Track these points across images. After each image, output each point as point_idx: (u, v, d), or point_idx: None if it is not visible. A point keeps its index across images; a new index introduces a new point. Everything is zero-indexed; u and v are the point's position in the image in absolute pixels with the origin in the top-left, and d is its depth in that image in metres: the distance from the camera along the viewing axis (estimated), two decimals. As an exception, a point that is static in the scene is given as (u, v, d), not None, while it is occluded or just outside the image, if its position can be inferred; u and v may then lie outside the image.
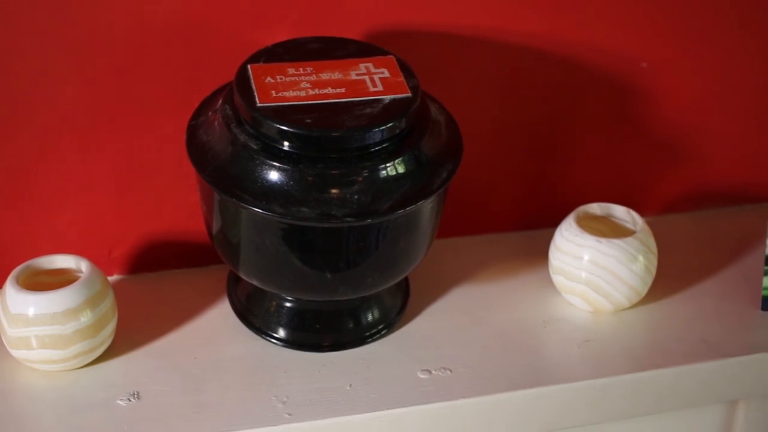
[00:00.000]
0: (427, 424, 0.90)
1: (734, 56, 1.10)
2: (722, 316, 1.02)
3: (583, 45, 1.04)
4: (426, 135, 0.88)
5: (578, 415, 0.96)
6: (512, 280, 1.05)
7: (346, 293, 0.91)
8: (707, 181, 1.16)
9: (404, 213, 0.84)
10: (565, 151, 1.10)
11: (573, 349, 0.97)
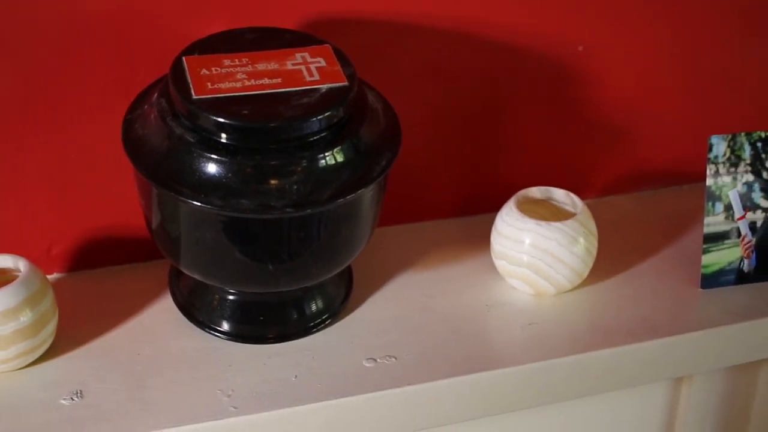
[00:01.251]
0: (373, 412, 0.91)
1: (668, 38, 1.11)
2: (663, 295, 1.03)
3: (519, 29, 1.05)
4: (364, 123, 0.87)
5: (523, 397, 0.96)
6: (455, 266, 1.05)
7: (289, 284, 0.91)
8: (645, 162, 1.17)
9: (344, 202, 0.84)
10: (504, 136, 1.10)
11: (516, 332, 0.98)
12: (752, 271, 1.04)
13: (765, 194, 1.02)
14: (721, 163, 1.00)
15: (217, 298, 0.96)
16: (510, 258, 0.98)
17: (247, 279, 0.90)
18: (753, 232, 1.02)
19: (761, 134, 1.01)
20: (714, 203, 1.01)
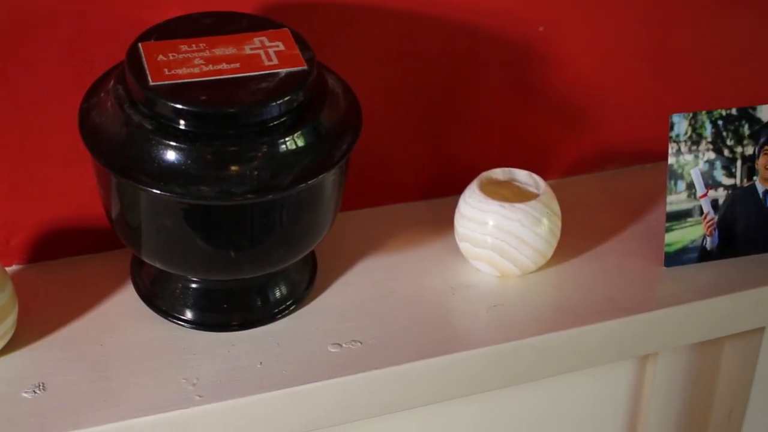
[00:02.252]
0: (340, 398, 0.90)
1: (629, 17, 1.11)
2: (627, 274, 1.03)
3: (479, 10, 1.04)
4: (324, 107, 0.87)
5: (490, 379, 0.96)
6: (419, 250, 1.05)
7: (252, 271, 0.90)
8: (607, 142, 1.18)
9: (306, 187, 0.84)
10: (466, 118, 1.10)
11: (482, 314, 0.97)
12: (715, 248, 1.04)
13: (727, 172, 1.02)
14: (682, 142, 1.00)
15: (180, 287, 0.95)
16: (474, 240, 0.98)
17: (209, 267, 0.89)
18: (715, 209, 1.03)
19: (722, 112, 1.01)
20: (676, 182, 1.01)
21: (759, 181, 1.03)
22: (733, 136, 1.02)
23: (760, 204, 1.04)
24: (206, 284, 0.95)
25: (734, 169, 1.02)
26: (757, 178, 1.03)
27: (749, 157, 1.03)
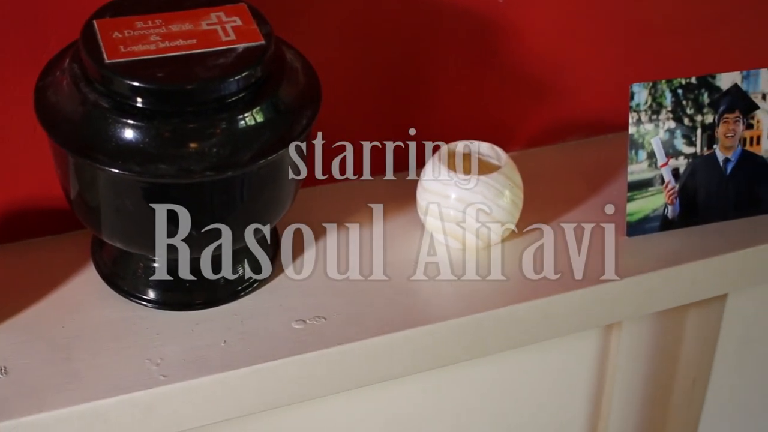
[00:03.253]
0: (305, 374, 0.90)
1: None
2: (590, 244, 1.03)
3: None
4: (283, 82, 0.86)
5: (455, 352, 0.96)
6: (383, 224, 1.04)
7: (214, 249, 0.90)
8: (568, 113, 1.18)
9: (266, 163, 0.83)
10: (427, 91, 1.10)
11: (445, 287, 0.97)
12: (676, 217, 1.05)
13: (687, 141, 1.03)
14: (642, 111, 1.01)
15: (142, 266, 0.95)
16: (436, 213, 0.98)
17: (170, 245, 0.88)
18: (676, 178, 1.03)
19: (681, 81, 1.01)
20: (637, 151, 1.01)
21: (719, 150, 1.04)
22: (693, 104, 1.02)
23: (720, 172, 1.05)
24: (168, 263, 0.94)
25: (694, 137, 1.03)
26: (717, 147, 1.04)
27: (709, 125, 1.03)
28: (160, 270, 0.94)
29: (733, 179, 1.05)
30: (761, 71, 1.03)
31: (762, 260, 1.06)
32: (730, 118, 1.03)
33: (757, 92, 1.04)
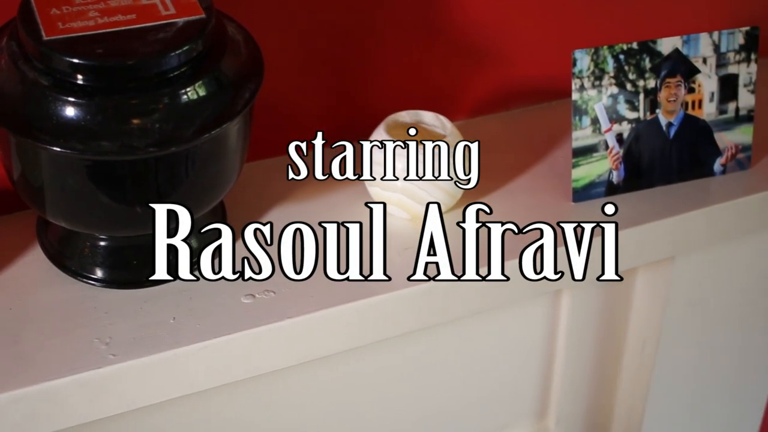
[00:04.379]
0: (255, 348, 0.90)
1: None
2: (537, 211, 1.04)
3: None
4: (225, 56, 0.85)
5: (405, 322, 0.97)
6: (330, 196, 1.04)
7: (161, 225, 0.89)
8: (512, 81, 1.18)
9: (210, 137, 0.82)
10: (371, 62, 1.09)
11: (394, 257, 0.97)
12: (621, 182, 1.06)
13: (630, 106, 1.03)
14: (585, 77, 1.01)
15: (88, 246, 0.94)
16: (383, 184, 0.98)
17: (115, 223, 0.87)
18: (620, 143, 1.04)
19: (623, 46, 1.02)
20: (581, 117, 1.02)
21: (662, 114, 1.05)
22: (635, 70, 1.03)
23: (663, 136, 1.06)
24: (115, 241, 0.93)
25: (637, 102, 1.04)
26: (660, 111, 1.05)
27: (651, 90, 1.04)
28: (107, 248, 0.93)
29: (676, 143, 1.06)
30: (701, 36, 1.04)
31: (707, 223, 1.08)
32: (672, 82, 1.04)
33: (697, 56, 1.05)
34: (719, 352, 1.32)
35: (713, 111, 1.07)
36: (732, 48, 1.05)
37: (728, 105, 1.07)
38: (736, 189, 1.08)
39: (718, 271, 1.22)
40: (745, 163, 1.10)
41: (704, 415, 1.39)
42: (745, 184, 1.09)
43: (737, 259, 1.22)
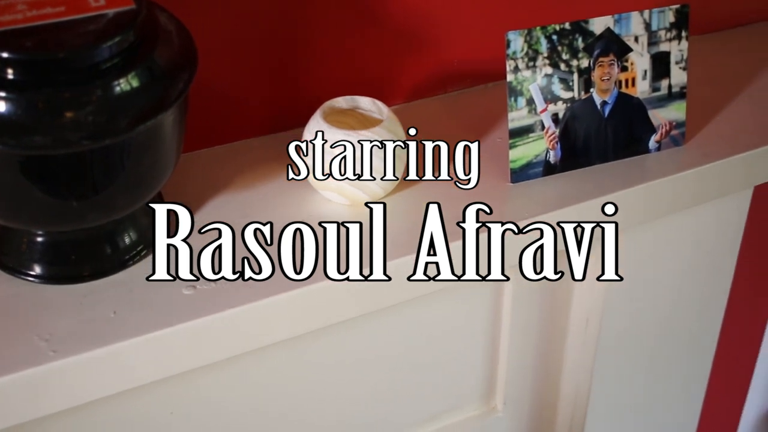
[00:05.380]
0: (199, 340, 0.89)
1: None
2: (477, 193, 1.04)
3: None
4: (157, 46, 0.85)
5: (349, 308, 0.97)
6: (268, 184, 1.04)
7: (98, 219, 0.88)
8: (448, 64, 1.18)
9: (144, 128, 0.82)
10: (306, 49, 1.09)
11: (335, 243, 0.97)
12: (558, 161, 1.06)
13: (564, 86, 1.04)
14: (519, 59, 1.02)
15: (25, 242, 0.93)
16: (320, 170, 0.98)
17: (52, 219, 0.86)
18: (556, 123, 1.05)
19: (556, 27, 1.03)
20: (516, 98, 1.03)
21: (596, 93, 1.06)
22: (568, 50, 1.04)
23: (598, 115, 1.07)
24: (52, 237, 0.92)
25: (571, 82, 1.05)
26: (594, 90, 1.06)
27: (585, 69, 1.05)
28: (44, 244, 0.92)
29: (611, 121, 1.07)
30: (632, 14, 1.05)
31: (644, 199, 1.09)
32: (605, 61, 1.05)
33: (629, 35, 1.06)
34: (661, 327, 1.33)
35: (646, 89, 1.08)
36: (663, 26, 1.07)
37: (661, 82, 1.08)
38: (671, 165, 1.10)
39: (656, 247, 1.23)
40: (679, 140, 1.12)
41: (650, 390, 1.42)
42: (680, 160, 1.10)
43: (675, 234, 1.23)
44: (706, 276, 1.33)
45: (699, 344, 1.43)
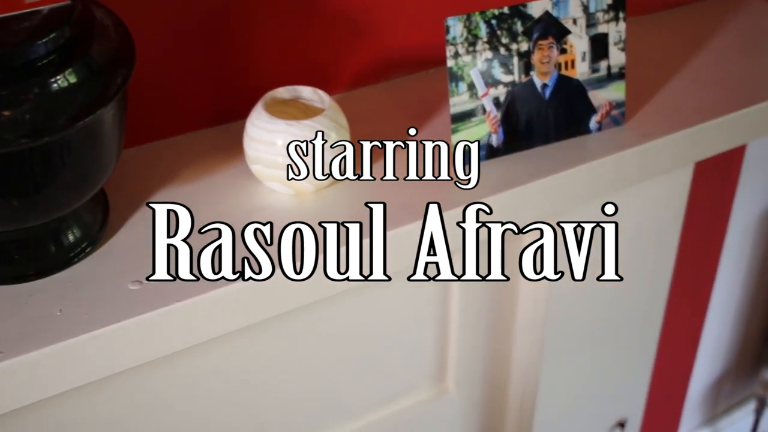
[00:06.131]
0: (145, 335, 0.89)
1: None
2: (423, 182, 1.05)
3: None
4: (94, 41, 0.84)
5: (295, 298, 0.97)
6: (212, 177, 1.03)
7: (40, 218, 0.88)
8: (390, 51, 1.18)
9: (83, 125, 0.81)
10: (247, 40, 1.09)
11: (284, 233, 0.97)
12: (501, 144, 1.07)
13: (505, 69, 1.05)
14: (459, 44, 1.02)
15: (-33, 243, 0.92)
16: (265, 161, 0.98)
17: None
18: (497, 107, 1.06)
19: (495, 12, 1.03)
20: (457, 83, 1.03)
21: (536, 76, 1.07)
22: (507, 34, 1.04)
23: (539, 97, 1.07)
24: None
25: (512, 66, 1.05)
26: (534, 73, 1.06)
27: (525, 53, 1.05)
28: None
29: (552, 103, 1.08)
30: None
31: (587, 179, 1.10)
32: (544, 44, 1.06)
33: (567, 17, 1.06)
34: (609, 303, 1.35)
35: (586, 70, 1.09)
36: (600, 8, 1.08)
37: (600, 63, 1.09)
38: (613, 145, 1.11)
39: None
40: (619, 120, 1.13)
41: (599, 365, 1.43)
42: (621, 140, 1.12)
43: (619, 211, 1.25)
44: (651, 252, 1.35)
45: (646, 319, 1.45)
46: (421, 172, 1.05)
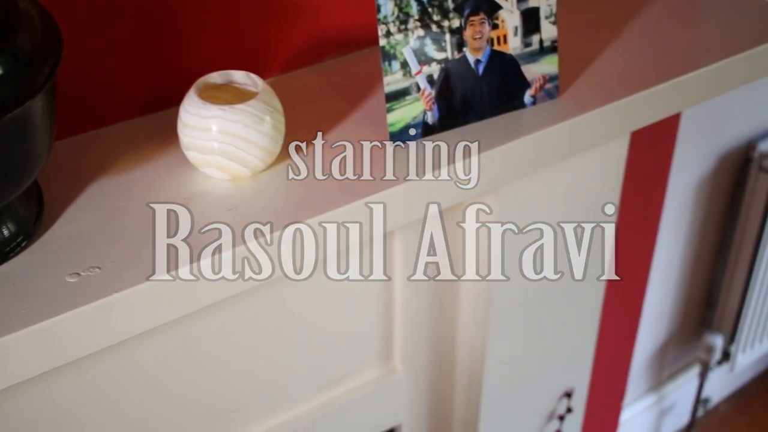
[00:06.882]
0: (85, 327, 0.88)
1: None
2: (357, 158, 1.05)
3: None
4: (19, 32, 0.83)
5: (236, 284, 0.96)
6: (148, 166, 1.03)
7: (-28, 213, 0.87)
8: (323, 32, 1.18)
9: (12, 117, 0.80)
10: (177, 25, 1.08)
11: (220, 219, 0.97)
12: (436, 122, 1.07)
13: (437, 46, 1.05)
14: (391, 23, 1.02)
15: None
16: (200, 147, 0.97)
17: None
18: (431, 84, 1.06)
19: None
20: (390, 62, 1.03)
21: (469, 52, 1.07)
22: (438, 11, 1.04)
23: (473, 73, 1.08)
24: (-75, 234, 0.90)
25: (444, 43, 1.05)
26: (467, 49, 1.07)
27: (457, 29, 1.06)
28: None
29: (485, 79, 1.09)
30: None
31: (523, 153, 1.11)
32: (476, 20, 1.06)
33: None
34: (552, 276, 1.36)
35: (518, 45, 1.09)
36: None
37: (532, 38, 1.10)
38: (547, 118, 1.11)
39: (539, 197, 1.26)
40: (553, 93, 1.13)
41: (544, 338, 1.45)
42: (556, 113, 1.12)
43: (556, 184, 1.26)
44: (590, 222, 1.36)
45: (589, 289, 1.46)
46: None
